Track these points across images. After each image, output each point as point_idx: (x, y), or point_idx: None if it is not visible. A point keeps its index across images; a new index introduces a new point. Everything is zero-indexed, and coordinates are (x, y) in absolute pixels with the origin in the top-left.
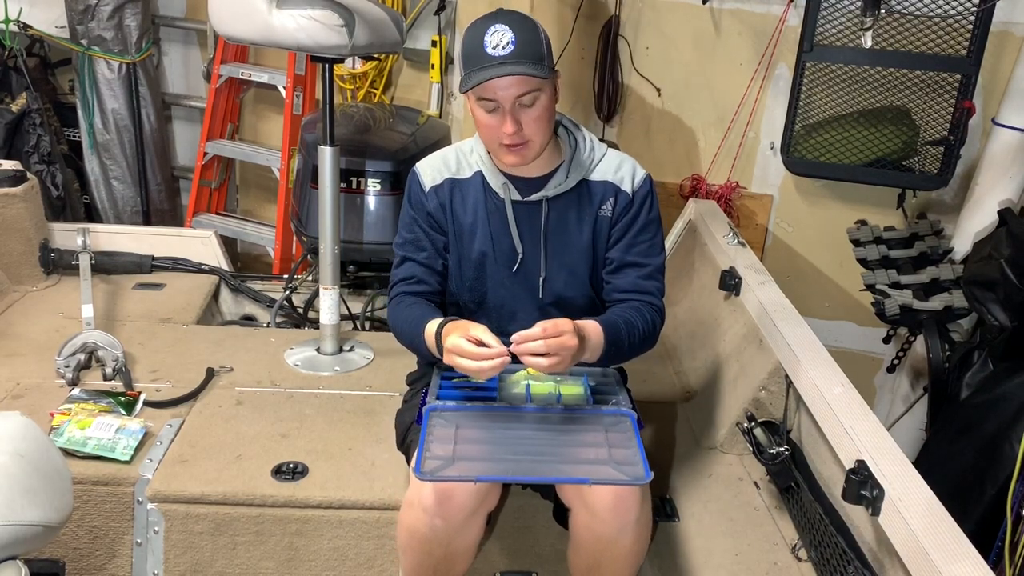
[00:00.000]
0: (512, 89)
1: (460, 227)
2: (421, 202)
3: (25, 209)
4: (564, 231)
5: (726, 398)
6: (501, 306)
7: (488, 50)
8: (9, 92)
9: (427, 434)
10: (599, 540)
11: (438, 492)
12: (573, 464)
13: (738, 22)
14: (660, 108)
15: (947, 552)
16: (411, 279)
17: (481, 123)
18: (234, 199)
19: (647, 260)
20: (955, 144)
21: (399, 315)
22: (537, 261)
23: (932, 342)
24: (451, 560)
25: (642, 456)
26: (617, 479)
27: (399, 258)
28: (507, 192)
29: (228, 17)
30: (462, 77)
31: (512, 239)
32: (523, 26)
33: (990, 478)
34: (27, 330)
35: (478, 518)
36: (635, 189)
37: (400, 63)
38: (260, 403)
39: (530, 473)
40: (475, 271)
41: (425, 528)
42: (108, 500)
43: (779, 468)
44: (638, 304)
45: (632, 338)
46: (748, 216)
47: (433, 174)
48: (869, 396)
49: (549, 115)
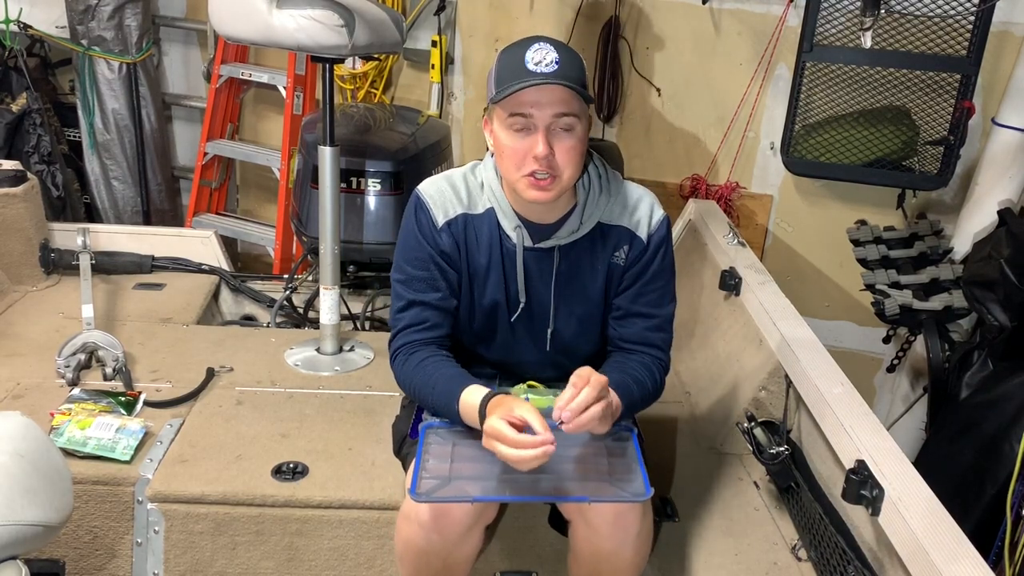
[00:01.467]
0: (553, 107)
1: (475, 269)
2: (435, 238)
3: (25, 209)
4: (576, 279)
5: (726, 398)
6: (508, 352)
7: (530, 66)
8: (9, 92)
9: (423, 452)
10: (598, 553)
11: (434, 510)
12: (572, 481)
13: (738, 22)
14: (660, 108)
15: (947, 552)
16: (422, 324)
17: (506, 147)
18: (234, 199)
19: (656, 311)
20: (955, 144)
21: (414, 373)
22: (546, 310)
23: (932, 342)
24: (450, 570)
25: (642, 472)
26: (616, 496)
27: (404, 301)
28: (520, 237)
29: (228, 17)
30: (495, 92)
31: (519, 287)
32: (567, 50)
33: (990, 478)
34: (27, 330)
35: (476, 531)
36: (651, 234)
37: (400, 63)
38: (260, 403)
39: (528, 492)
40: (486, 317)
41: (422, 542)
42: (108, 500)
43: (779, 468)
44: (647, 360)
45: (643, 395)
46: (748, 216)
47: (445, 206)
48: (869, 396)
49: (582, 151)
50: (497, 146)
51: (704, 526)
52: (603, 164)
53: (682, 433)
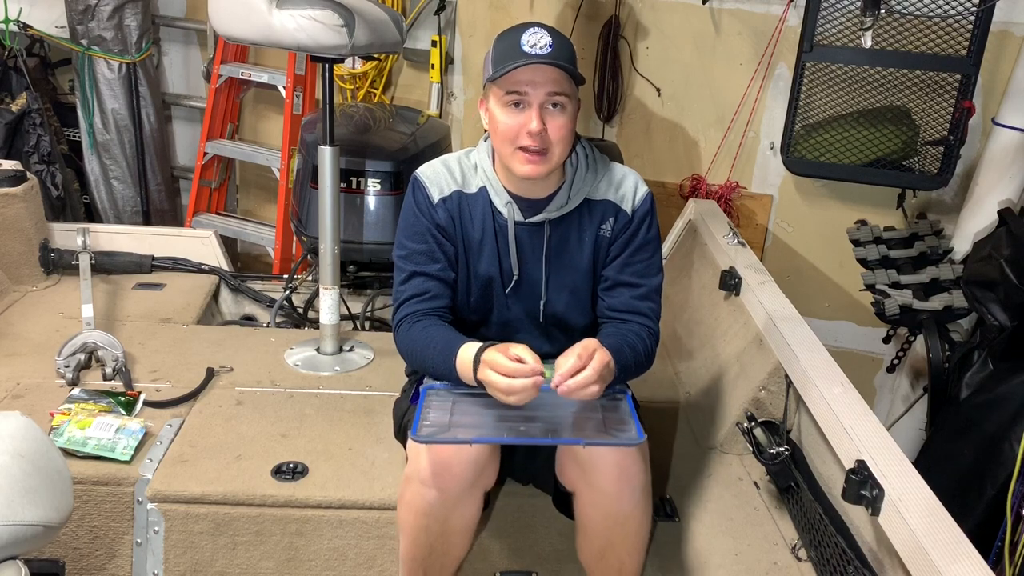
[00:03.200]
0: (546, 86)
1: (469, 242)
2: (431, 213)
3: (25, 209)
4: (566, 252)
5: (726, 398)
6: (505, 324)
7: (525, 48)
8: (9, 92)
9: (424, 406)
10: (607, 517)
11: (435, 463)
12: (567, 429)
13: (738, 22)
14: (660, 108)
15: (947, 552)
16: (424, 295)
17: (501, 122)
18: (234, 199)
19: (643, 280)
20: (955, 144)
21: (417, 337)
22: (539, 283)
23: (932, 342)
24: (448, 538)
25: (635, 421)
26: (611, 440)
27: (406, 273)
28: (511, 212)
29: (228, 17)
30: (492, 72)
31: (512, 260)
32: (559, 35)
33: (990, 478)
34: (27, 330)
35: (475, 492)
36: (635, 207)
37: (400, 63)
38: (260, 403)
39: (525, 435)
40: (482, 290)
41: (422, 501)
42: (108, 500)
43: (779, 468)
44: (635, 327)
45: (636, 361)
46: (748, 216)
47: (441, 184)
48: (869, 396)
49: (571, 130)
50: (492, 123)
51: (704, 526)
52: (590, 145)
53: (682, 433)
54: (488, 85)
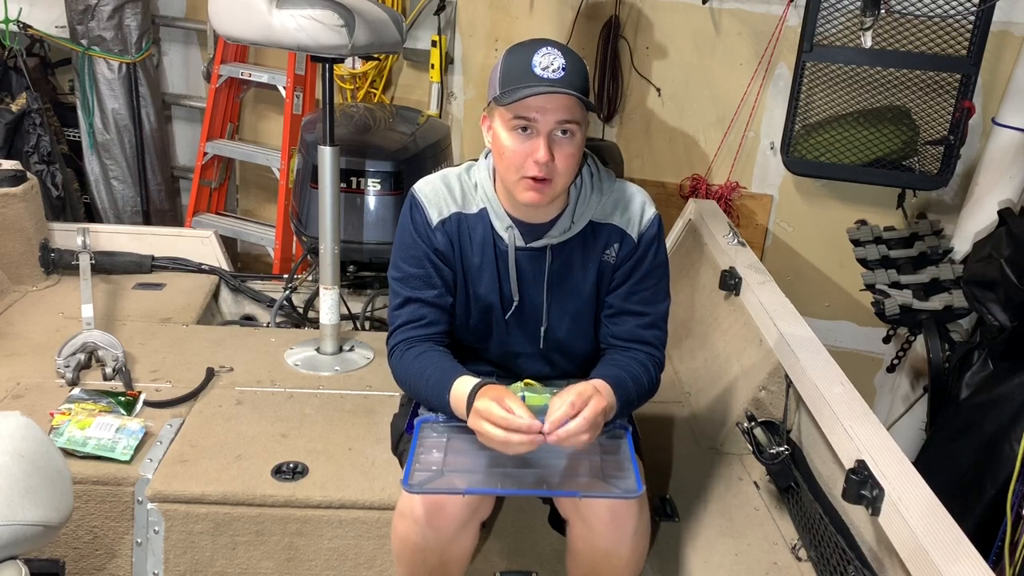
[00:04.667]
0: (557, 113)
1: (468, 266)
2: (429, 237)
3: (25, 209)
4: (568, 278)
5: (726, 398)
6: (504, 349)
7: (537, 70)
8: (9, 92)
9: (417, 446)
10: (596, 552)
11: (428, 504)
12: (563, 476)
13: (738, 22)
14: (660, 108)
15: (947, 552)
16: (419, 321)
17: (507, 148)
18: (234, 199)
19: (648, 309)
20: (955, 144)
21: (411, 366)
22: (539, 309)
23: (932, 342)
24: (446, 567)
25: (635, 469)
26: (608, 492)
27: (401, 298)
28: (512, 237)
29: (228, 17)
30: (500, 92)
31: (512, 286)
32: (573, 56)
33: (990, 478)
34: (27, 330)
35: (471, 528)
36: (641, 232)
37: (400, 63)
38: (260, 403)
39: (519, 486)
40: (481, 314)
41: (417, 538)
42: (108, 500)
43: (779, 468)
44: (640, 355)
45: (639, 393)
46: (748, 216)
47: (440, 205)
48: (869, 396)
49: (579, 157)
50: (496, 146)
51: (704, 526)
52: (596, 163)
53: (682, 433)
54: (493, 105)
